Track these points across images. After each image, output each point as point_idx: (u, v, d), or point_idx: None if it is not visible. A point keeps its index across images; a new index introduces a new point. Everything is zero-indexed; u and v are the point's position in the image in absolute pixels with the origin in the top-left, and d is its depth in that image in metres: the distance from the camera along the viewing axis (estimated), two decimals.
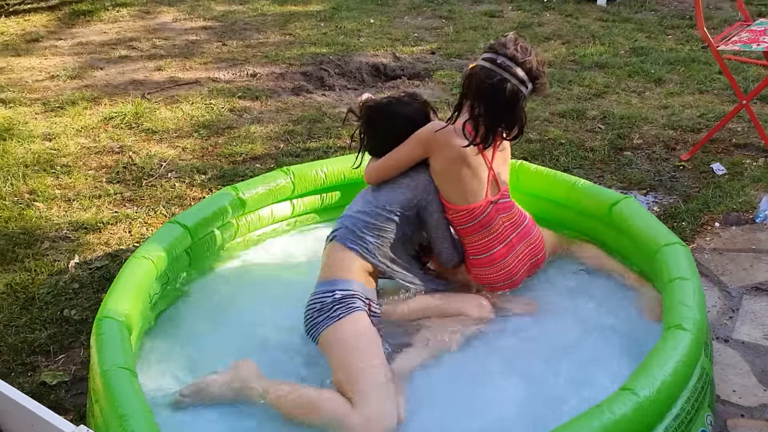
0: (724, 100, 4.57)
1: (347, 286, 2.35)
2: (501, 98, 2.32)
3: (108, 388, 1.93)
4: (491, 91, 2.32)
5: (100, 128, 4.38)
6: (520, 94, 2.34)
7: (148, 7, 6.94)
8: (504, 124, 2.40)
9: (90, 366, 2.16)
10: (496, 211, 2.51)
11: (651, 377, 1.80)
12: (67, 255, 3.14)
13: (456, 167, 2.42)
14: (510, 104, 2.33)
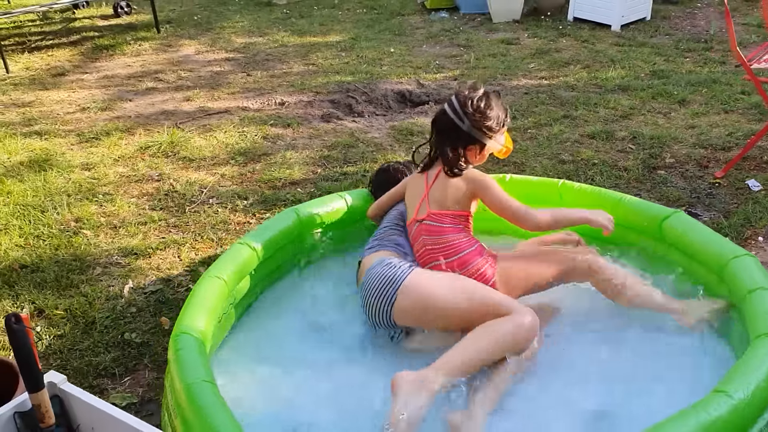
0: (750, 119, 4.64)
1: (399, 259, 2.57)
2: (438, 127, 2.67)
3: (194, 401, 1.95)
4: (434, 121, 2.70)
5: (137, 157, 4.44)
6: (453, 124, 2.61)
7: (169, 41, 7.04)
8: (439, 152, 2.67)
9: (168, 381, 2.18)
10: (419, 231, 2.66)
11: (745, 381, 1.82)
12: (120, 280, 3.17)
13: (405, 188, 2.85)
14: (443, 133, 2.65)
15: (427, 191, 2.68)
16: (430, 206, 2.65)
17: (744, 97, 4.95)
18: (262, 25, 7.54)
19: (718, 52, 6.06)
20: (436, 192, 2.66)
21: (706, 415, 1.75)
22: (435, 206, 2.64)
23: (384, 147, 4.45)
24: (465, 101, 2.59)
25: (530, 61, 6.04)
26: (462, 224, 2.64)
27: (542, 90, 5.32)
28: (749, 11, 7.01)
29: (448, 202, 2.63)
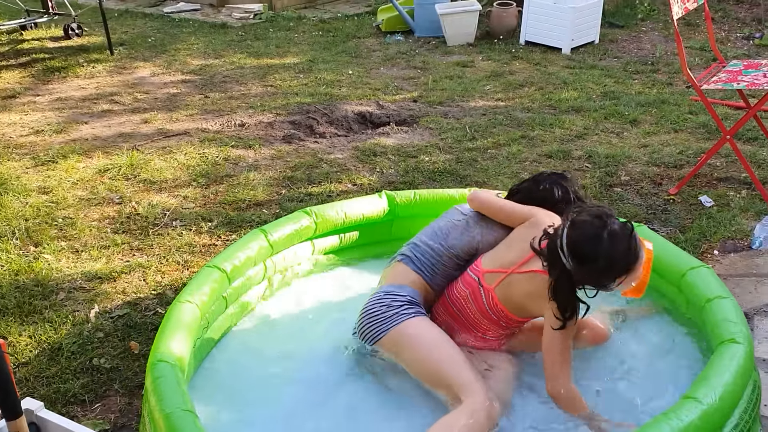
0: (698, 138, 4.83)
1: (416, 296, 2.49)
2: (549, 249, 2.22)
3: (174, 431, 1.93)
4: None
5: (96, 180, 4.36)
6: (560, 260, 2.16)
7: (123, 63, 6.96)
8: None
9: (145, 410, 2.14)
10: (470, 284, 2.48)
11: (712, 386, 1.90)
12: (85, 305, 3.11)
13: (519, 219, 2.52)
14: (551, 261, 2.19)
15: (514, 269, 2.36)
16: (498, 289, 2.37)
17: (692, 117, 5.15)
18: (218, 47, 7.51)
19: (665, 74, 6.29)
20: (518, 283, 2.33)
21: (679, 422, 1.81)
22: (501, 293, 2.37)
23: (348, 167, 4.48)
24: (571, 237, 2.09)
25: (486, 83, 6.17)
26: (511, 324, 2.44)
27: (499, 111, 5.44)
28: (691, 35, 7.31)
29: (515, 303, 2.36)
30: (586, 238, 2.08)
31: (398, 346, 2.38)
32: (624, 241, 2.08)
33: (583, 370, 2.46)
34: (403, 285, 2.51)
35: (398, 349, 2.39)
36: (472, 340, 2.53)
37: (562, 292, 2.15)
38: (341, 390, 2.46)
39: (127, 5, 9.63)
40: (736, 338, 2.10)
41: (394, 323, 2.38)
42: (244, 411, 2.38)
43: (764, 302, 3.05)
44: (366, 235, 3.27)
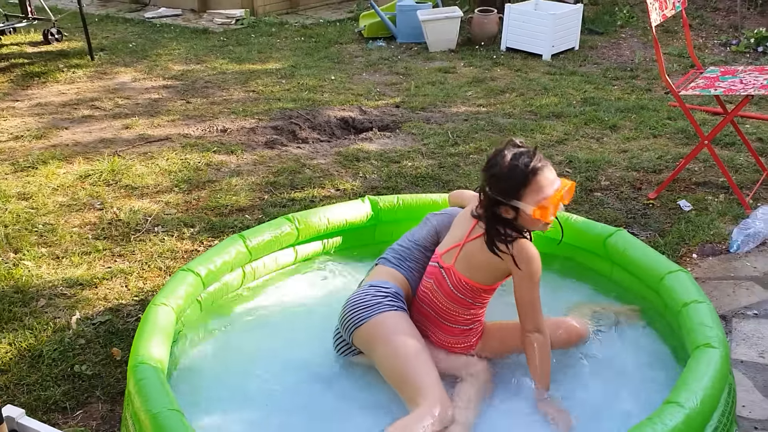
0: (677, 143, 4.89)
1: (400, 292, 2.53)
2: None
3: (162, 430, 1.92)
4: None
5: (77, 186, 4.33)
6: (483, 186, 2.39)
7: (104, 69, 6.92)
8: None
9: (128, 413, 2.13)
10: (435, 273, 2.53)
11: (693, 390, 1.92)
12: (66, 311, 3.09)
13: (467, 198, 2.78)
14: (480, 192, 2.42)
15: (465, 241, 2.46)
16: (457, 262, 2.45)
17: (671, 122, 5.22)
18: (199, 52, 7.49)
19: (644, 80, 6.37)
20: (473, 251, 2.43)
21: (663, 426, 1.84)
22: (462, 266, 2.44)
23: (331, 173, 4.49)
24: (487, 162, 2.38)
25: (468, 89, 6.21)
26: (479, 299, 2.48)
27: (481, 117, 5.47)
28: (669, 42, 7.40)
29: (477, 270, 2.43)
30: (495, 153, 2.38)
31: (374, 338, 2.41)
32: (524, 156, 2.33)
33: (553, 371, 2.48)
34: (387, 280, 2.56)
35: (374, 341, 2.41)
36: (447, 338, 2.54)
37: (490, 219, 2.36)
38: (321, 392, 2.47)
39: (107, 10, 9.58)
40: (711, 343, 2.13)
41: (376, 312, 2.42)
42: (221, 414, 2.37)
43: (742, 305, 3.10)
44: (349, 240, 3.28)
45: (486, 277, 2.45)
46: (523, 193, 2.31)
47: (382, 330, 2.40)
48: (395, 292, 2.52)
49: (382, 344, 2.40)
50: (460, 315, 2.50)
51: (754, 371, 2.69)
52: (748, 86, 3.81)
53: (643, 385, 2.44)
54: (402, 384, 2.33)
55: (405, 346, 2.37)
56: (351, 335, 2.48)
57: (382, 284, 2.54)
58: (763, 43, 6.94)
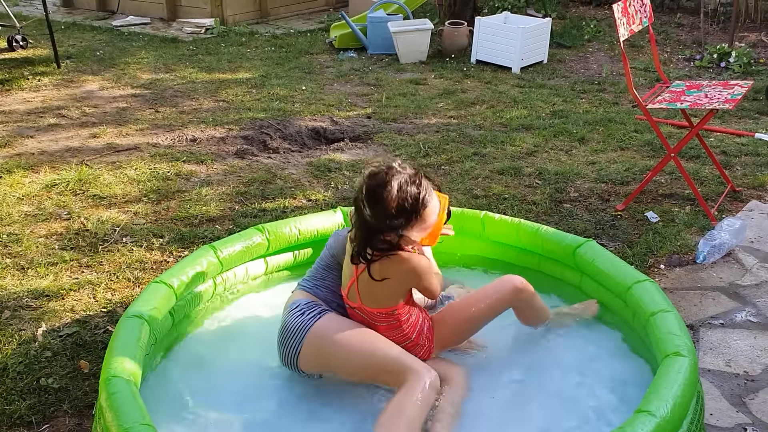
0: (644, 155, 4.98)
1: (311, 302, 2.54)
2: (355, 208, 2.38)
3: None
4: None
5: (43, 195, 4.25)
6: (361, 211, 2.31)
7: (71, 77, 6.82)
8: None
9: (99, 427, 2.09)
10: (351, 312, 2.53)
11: (663, 399, 1.95)
12: (32, 323, 3.02)
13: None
14: (357, 214, 2.35)
15: (356, 276, 2.41)
16: (361, 299, 2.42)
17: (637, 135, 5.31)
18: (169, 61, 7.43)
19: (611, 93, 6.47)
20: (366, 285, 2.38)
21: None
22: (368, 301, 2.42)
23: (302, 183, 4.47)
24: (362, 188, 2.29)
25: (438, 100, 6.25)
26: (399, 314, 2.45)
27: (452, 128, 5.51)
28: (635, 56, 7.54)
29: (380, 299, 2.41)
30: (379, 183, 2.24)
31: (320, 353, 2.38)
32: (411, 185, 2.25)
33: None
34: (294, 300, 2.57)
35: (321, 356, 2.38)
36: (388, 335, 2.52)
37: (364, 240, 2.28)
38: (296, 400, 2.46)
39: (74, 18, 9.46)
40: (680, 351, 2.16)
41: (306, 329, 2.40)
42: (194, 427, 2.34)
43: (709, 314, 3.15)
44: (321, 251, 3.26)
45: (393, 299, 2.42)
46: (411, 225, 2.27)
47: (323, 339, 2.37)
48: (308, 302, 2.52)
49: (333, 352, 2.37)
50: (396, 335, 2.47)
51: (721, 380, 2.73)
52: (713, 100, 3.89)
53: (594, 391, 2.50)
54: (380, 373, 2.32)
55: (358, 339, 2.36)
56: (298, 366, 2.46)
57: (292, 303, 2.53)
58: (725, 59, 7.10)
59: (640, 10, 4.13)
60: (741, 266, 3.55)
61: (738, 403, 2.61)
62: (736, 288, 3.37)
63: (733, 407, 2.59)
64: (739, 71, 6.90)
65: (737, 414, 2.56)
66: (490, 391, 2.50)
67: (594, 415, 2.36)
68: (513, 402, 2.47)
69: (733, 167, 4.73)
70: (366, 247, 2.29)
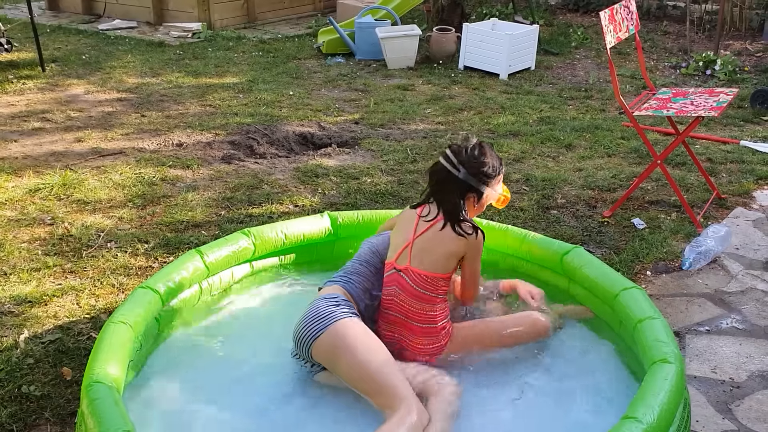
0: (630, 162, 5.00)
1: (349, 302, 2.54)
2: (435, 179, 2.62)
3: None
4: (431, 174, 2.66)
5: (27, 200, 4.21)
6: (450, 174, 2.56)
7: (56, 80, 6.76)
8: (438, 202, 2.61)
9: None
10: (393, 279, 2.63)
11: (650, 406, 1.94)
12: (14, 330, 2.98)
13: (395, 223, 2.84)
14: (439, 184, 2.60)
15: (413, 239, 2.61)
16: (411, 260, 2.58)
17: (624, 142, 5.33)
18: (155, 65, 7.39)
19: (598, 100, 6.50)
20: (424, 245, 2.58)
21: None
22: (417, 263, 2.57)
23: (289, 188, 4.45)
24: (459, 150, 2.57)
25: (426, 106, 6.25)
26: (440, 291, 2.58)
27: (440, 134, 5.51)
28: (622, 63, 7.59)
29: (433, 261, 2.56)
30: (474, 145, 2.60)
31: (336, 348, 2.39)
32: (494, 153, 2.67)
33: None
34: (336, 294, 2.57)
35: (335, 351, 2.39)
36: (421, 340, 2.57)
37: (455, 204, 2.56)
38: (281, 408, 2.43)
39: (60, 21, 9.40)
40: (667, 358, 2.17)
41: (333, 320, 2.41)
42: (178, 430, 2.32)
43: (695, 321, 3.16)
44: (307, 255, 3.25)
45: (442, 266, 2.57)
46: (495, 183, 2.66)
47: (343, 338, 2.39)
48: (344, 300, 2.55)
49: (346, 353, 2.38)
50: (427, 313, 2.57)
51: (707, 387, 2.74)
52: (698, 108, 3.91)
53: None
54: (374, 391, 2.33)
55: (371, 353, 2.38)
56: (309, 349, 2.44)
57: (330, 296, 2.55)
58: (710, 66, 7.16)
59: (626, 17, 4.14)
60: (726, 273, 3.57)
61: (724, 409, 2.61)
62: (721, 295, 3.38)
63: (719, 414, 2.59)
64: (725, 79, 6.95)
65: (723, 421, 2.56)
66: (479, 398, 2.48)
67: (580, 422, 2.35)
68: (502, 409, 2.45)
69: (718, 174, 4.75)
70: (457, 203, 2.55)
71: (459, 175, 2.55)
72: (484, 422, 2.39)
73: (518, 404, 2.48)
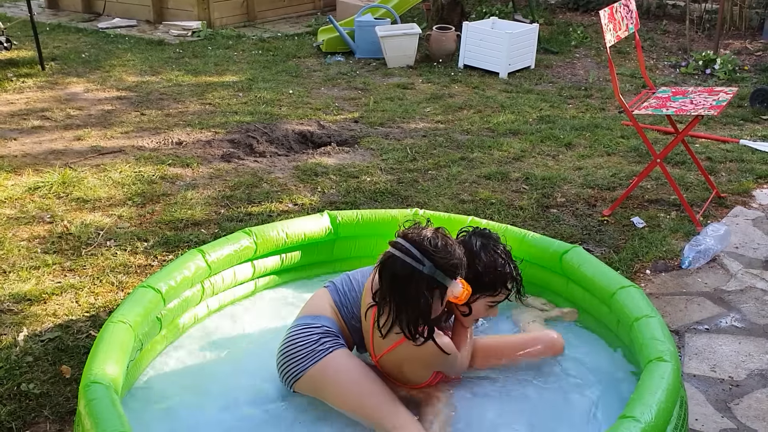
0: (630, 161, 5.00)
1: (332, 326, 2.44)
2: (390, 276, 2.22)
3: None
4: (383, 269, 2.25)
5: (26, 198, 4.21)
6: (410, 269, 2.17)
7: (55, 79, 6.76)
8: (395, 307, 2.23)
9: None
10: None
11: (647, 405, 1.94)
12: (13, 328, 2.98)
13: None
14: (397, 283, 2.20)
15: (376, 360, 2.40)
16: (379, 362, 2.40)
17: (624, 141, 5.33)
18: (155, 63, 7.39)
19: (598, 99, 6.50)
20: (391, 360, 2.35)
21: None
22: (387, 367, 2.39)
23: (288, 187, 4.45)
24: (420, 239, 2.20)
25: (426, 105, 6.25)
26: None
27: (439, 133, 5.51)
28: (622, 62, 7.59)
29: (402, 374, 2.39)
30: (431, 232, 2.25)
31: (319, 387, 2.35)
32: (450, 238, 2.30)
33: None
34: (319, 315, 2.47)
35: (319, 389, 2.36)
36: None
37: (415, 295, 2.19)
38: (277, 414, 2.43)
39: (59, 19, 9.39)
40: (663, 356, 2.17)
41: (313, 361, 2.34)
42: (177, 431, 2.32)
43: (694, 320, 3.16)
44: (308, 255, 3.25)
45: (413, 377, 2.41)
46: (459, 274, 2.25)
47: (326, 379, 2.33)
48: (326, 329, 2.41)
49: (331, 390, 2.33)
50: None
51: (706, 385, 2.74)
52: (698, 107, 3.91)
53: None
54: (370, 421, 2.28)
55: (358, 386, 2.30)
56: (291, 388, 2.43)
57: (313, 322, 2.44)
58: (710, 65, 7.15)
59: (626, 16, 4.14)
60: (726, 272, 3.57)
61: (723, 408, 2.61)
62: (721, 293, 3.38)
63: (718, 412, 2.59)
64: (724, 78, 6.95)
65: (722, 419, 2.56)
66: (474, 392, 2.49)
67: (578, 421, 2.34)
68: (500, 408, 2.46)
69: (718, 173, 4.75)
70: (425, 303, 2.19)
71: (424, 269, 2.17)
72: (479, 422, 2.38)
73: (515, 401, 2.48)
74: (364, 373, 2.34)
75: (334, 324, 2.47)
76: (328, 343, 2.37)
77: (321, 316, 2.47)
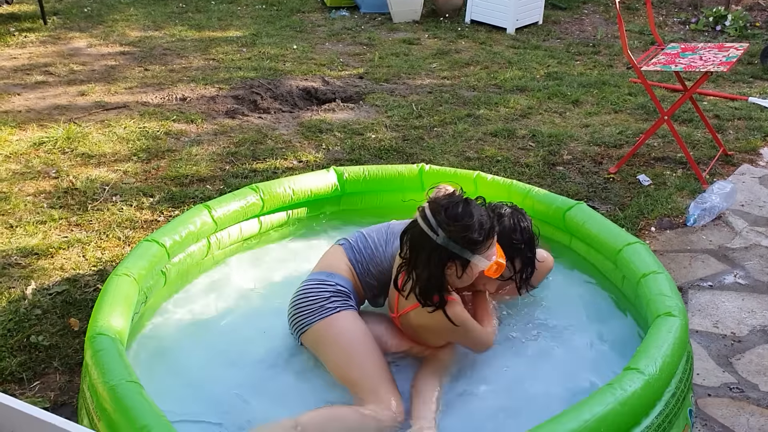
0: (637, 118, 4.96)
1: (346, 285, 2.45)
2: (410, 242, 2.24)
3: (120, 403, 1.89)
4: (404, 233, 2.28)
5: (31, 154, 4.20)
6: (425, 237, 2.17)
7: (58, 33, 6.69)
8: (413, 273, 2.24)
9: (86, 384, 2.09)
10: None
11: (652, 357, 1.96)
12: (21, 281, 3.01)
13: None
14: (415, 249, 2.22)
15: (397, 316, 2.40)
16: (402, 328, 2.43)
17: (631, 98, 5.28)
18: (158, 18, 7.30)
19: (605, 56, 6.42)
20: (408, 321, 2.37)
21: (622, 392, 1.87)
22: (408, 331, 2.42)
23: (293, 144, 4.43)
24: (437, 208, 2.17)
25: (432, 61, 6.18)
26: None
27: (445, 89, 5.46)
28: (631, 19, 7.47)
29: (417, 336, 2.41)
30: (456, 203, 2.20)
31: (319, 342, 2.37)
32: (485, 212, 2.23)
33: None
34: (333, 273, 2.47)
35: (319, 344, 2.38)
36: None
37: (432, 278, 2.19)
38: (282, 367, 2.45)
39: None
40: (672, 311, 2.17)
41: (319, 317, 2.35)
42: (181, 386, 2.34)
43: (698, 277, 3.17)
44: (314, 211, 3.25)
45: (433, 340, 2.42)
46: (481, 248, 2.19)
47: (326, 336, 2.35)
48: (339, 288, 2.42)
49: (327, 348, 2.36)
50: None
51: (709, 341, 2.76)
52: (707, 63, 3.86)
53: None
54: (349, 384, 2.29)
55: (352, 348, 2.31)
56: (298, 338, 2.45)
57: (327, 279, 2.44)
58: (721, 22, 7.04)
59: None
60: (731, 229, 3.57)
61: (725, 363, 2.64)
62: (725, 251, 3.39)
63: (719, 367, 2.62)
64: (735, 35, 6.85)
65: (723, 374, 2.59)
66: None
67: (584, 374, 2.37)
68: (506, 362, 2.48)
69: (725, 131, 4.72)
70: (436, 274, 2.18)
71: (437, 239, 2.17)
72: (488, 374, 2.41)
73: (522, 357, 2.51)
74: (364, 339, 2.34)
75: (348, 283, 2.46)
76: (338, 303, 2.38)
77: (336, 274, 2.47)
